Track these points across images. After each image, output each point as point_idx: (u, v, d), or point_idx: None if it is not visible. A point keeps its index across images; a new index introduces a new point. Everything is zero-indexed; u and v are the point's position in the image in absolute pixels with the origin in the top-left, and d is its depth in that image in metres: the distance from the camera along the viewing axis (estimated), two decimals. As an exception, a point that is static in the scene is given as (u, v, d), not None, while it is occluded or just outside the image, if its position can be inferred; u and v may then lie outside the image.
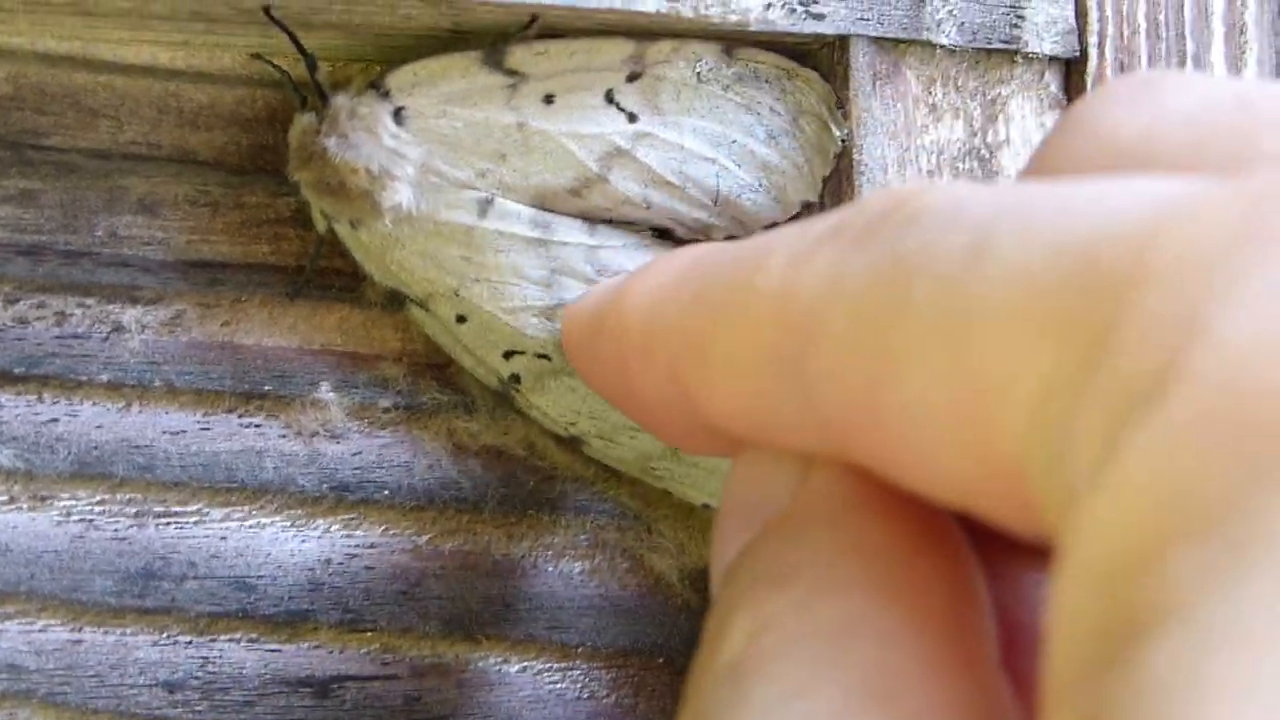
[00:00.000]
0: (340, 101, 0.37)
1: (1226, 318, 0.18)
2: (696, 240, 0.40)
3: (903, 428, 0.23)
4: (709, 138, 0.38)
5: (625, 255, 0.39)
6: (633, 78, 0.38)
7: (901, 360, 0.22)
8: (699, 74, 0.38)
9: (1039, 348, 0.20)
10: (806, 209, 0.39)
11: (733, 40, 0.38)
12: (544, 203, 0.38)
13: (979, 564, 0.24)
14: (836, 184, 0.38)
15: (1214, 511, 0.17)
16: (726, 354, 0.27)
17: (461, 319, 0.38)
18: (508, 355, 0.39)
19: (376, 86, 0.37)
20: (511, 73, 0.37)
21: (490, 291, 0.38)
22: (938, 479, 0.23)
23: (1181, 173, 0.23)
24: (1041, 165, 0.27)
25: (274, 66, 0.38)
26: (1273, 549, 0.16)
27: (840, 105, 0.38)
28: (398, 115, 0.37)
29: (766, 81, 0.38)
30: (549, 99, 0.37)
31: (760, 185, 0.39)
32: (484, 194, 0.38)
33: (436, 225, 0.38)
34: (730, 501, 0.28)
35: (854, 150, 0.38)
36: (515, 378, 0.39)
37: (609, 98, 0.38)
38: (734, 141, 0.38)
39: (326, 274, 0.39)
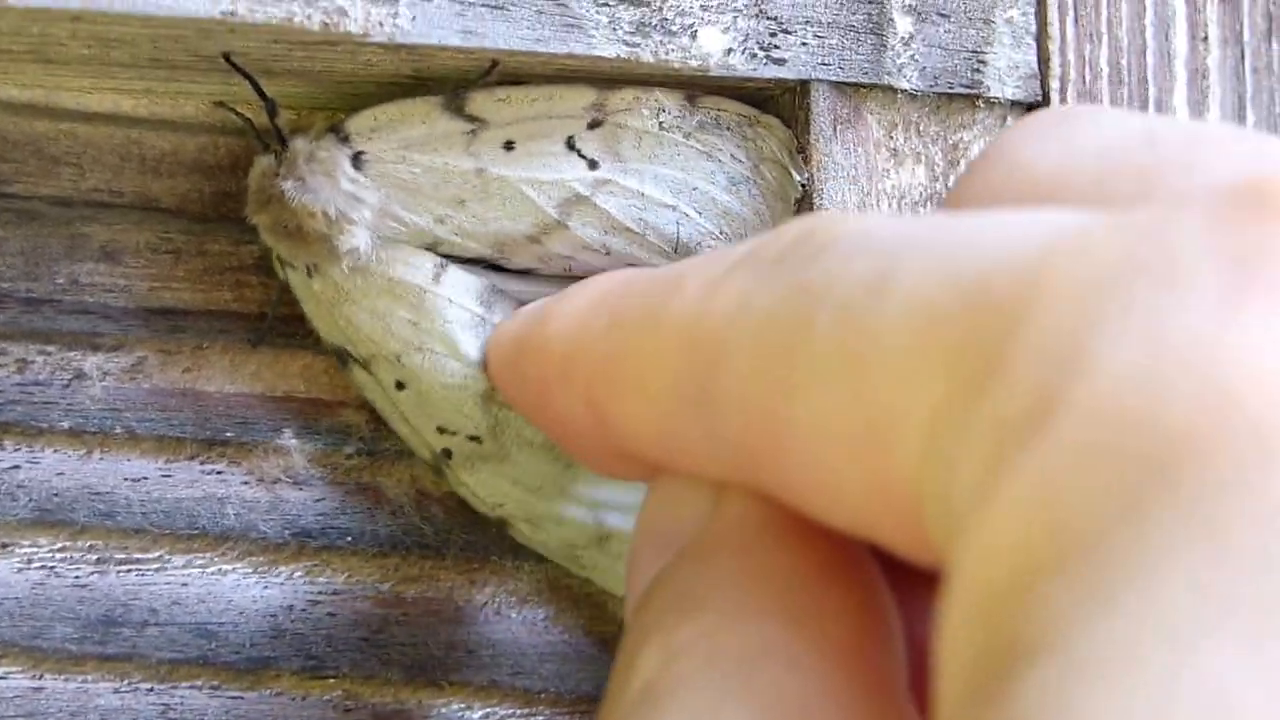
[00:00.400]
0: (299, 145, 0.37)
1: (1105, 350, 0.18)
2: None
3: (803, 456, 0.23)
4: (670, 185, 0.38)
5: None
6: (594, 125, 0.38)
7: (802, 388, 0.23)
8: (661, 121, 0.38)
9: (932, 378, 0.21)
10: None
11: (694, 86, 0.38)
12: (502, 250, 0.38)
13: (890, 591, 0.25)
14: (798, 229, 0.38)
15: (1085, 543, 0.17)
16: (638, 379, 0.27)
17: (401, 385, 0.38)
18: (441, 430, 0.39)
19: (336, 131, 0.37)
20: (472, 119, 0.37)
21: (432, 363, 0.38)
22: (839, 507, 0.23)
23: (1087, 207, 0.23)
24: (962, 194, 0.27)
25: (236, 113, 0.38)
26: (1138, 582, 0.17)
27: (801, 150, 0.38)
28: (356, 160, 0.37)
29: (728, 129, 0.38)
30: (509, 145, 0.38)
31: (721, 233, 0.39)
32: (440, 260, 0.38)
33: (390, 282, 0.38)
34: (644, 529, 0.28)
35: (815, 195, 0.38)
36: (447, 453, 0.39)
37: (570, 144, 0.38)
38: (695, 189, 0.38)
39: (289, 321, 0.39)
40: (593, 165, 0.38)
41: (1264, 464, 0.17)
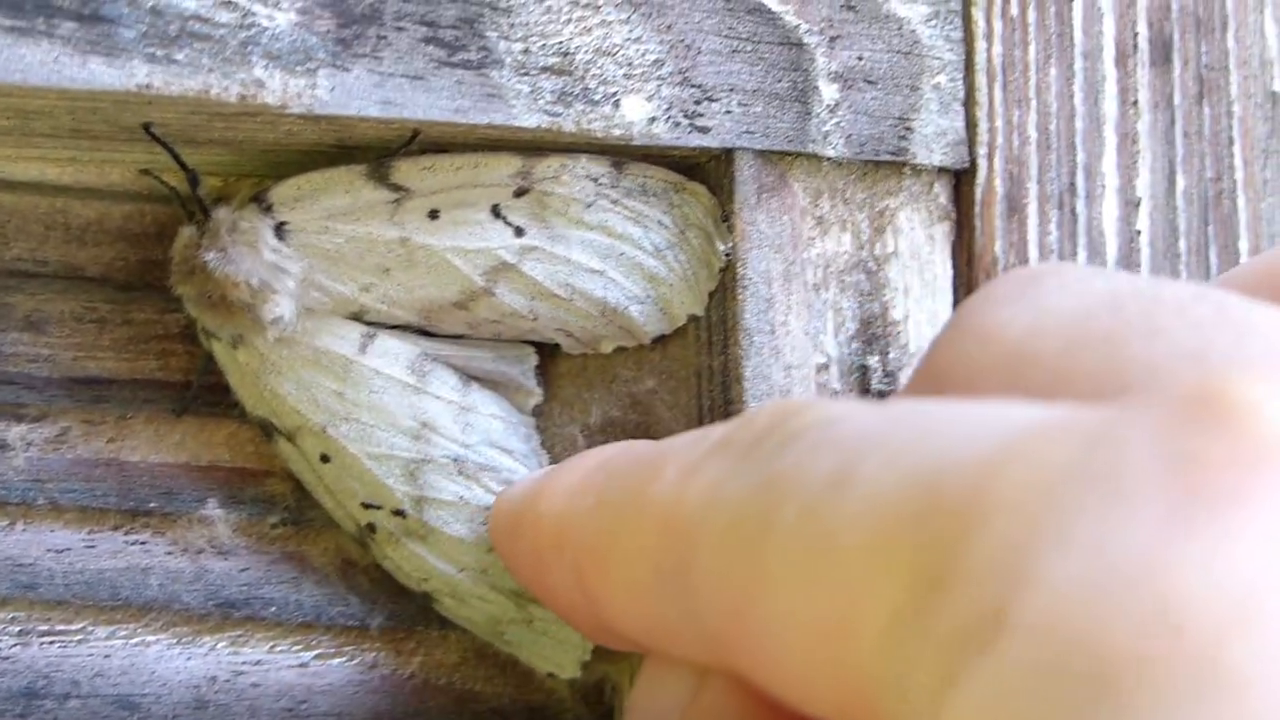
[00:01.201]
0: (221, 215, 0.37)
1: (1050, 565, 0.19)
2: (585, 353, 0.40)
3: (774, 647, 0.24)
4: (597, 251, 0.38)
5: (495, 423, 0.39)
6: (521, 193, 0.38)
7: (769, 582, 0.23)
8: (588, 189, 0.38)
9: (890, 582, 0.21)
10: (693, 321, 0.39)
11: (618, 154, 0.38)
12: (429, 317, 0.38)
13: None
14: (722, 297, 0.38)
15: None
16: (622, 562, 0.28)
17: (326, 458, 0.38)
18: (366, 506, 0.39)
19: (259, 200, 0.37)
20: (396, 188, 0.37)
21: (358, 433, 0.38)
22: (809, 698, 0.24)
23: (1059, 378, 0.24)
24: (932, 366, 0.28)
25: (161, 182, 0.38)
26: None
27: (726, 218, 0.38)
28: (279, 230, 0.37)
29: (654, 195, 0.38)
30: (434, 214, 0.38)
31: (648, 297, 0.39)
32: (368, 329, 0.38)
33: (315, 353, 0.38)
34: (633, 708, 0.29)
35: (739, 264, 0.38)
36: (371, 528, 0.39)
37: (496, 212, 0.38)
38: (622, 254, 0.38)
39: (215, 390, 0.39)
40: (519, 232, 0.38)
41: (1204, 693, 0.17)
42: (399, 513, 0.39)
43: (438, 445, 0.38)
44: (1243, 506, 0.19)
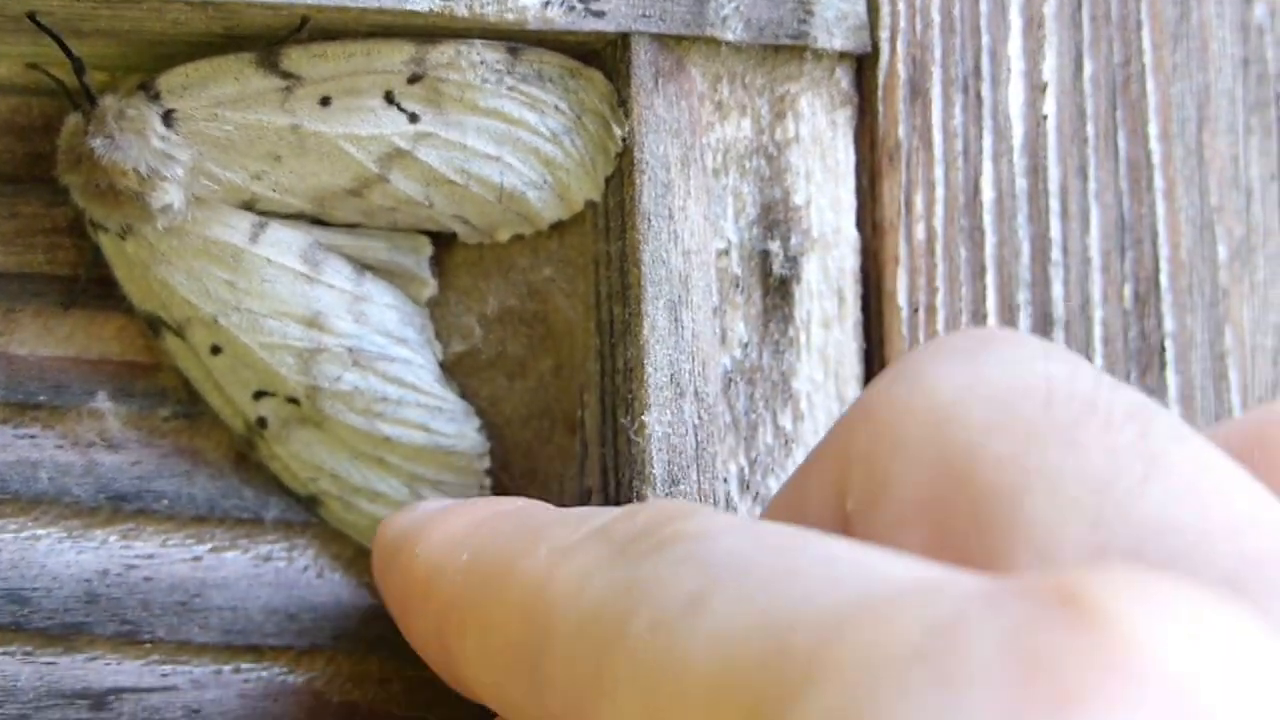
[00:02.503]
0: (108, 103, 0.36)
1: None
2: (482, 242, 0.39)
3: None
4: (493, 136, 0.38)
5: (390, 313, 0.38)
6: (414, 79, 0.37)
7: (613, 686, 0.24)
8: (483, 75, 0.37)
9: None
10: (590, 207, 0.39)
11: (512, 39, 0.37)
12: (323, 204, 0.38)
13: None
14: (619, 183, 0.38)
15: None
16: (481, 629, 0.28)
17: (217, 350, 0.38)
18: (258, 395, 0.38)
19: (146, 88, 0.37)
20: (286, 75, 0.37)
21: (250, 323, 0.38)
22: None
23: (971, 457, 0.25)
24: (867, 403, 0.27)
25: (49, 75, 0.38)
26: None
27: (623, 104, 0.38)
28: (167, 117, 0.37)
29: (550, 81, 0.38)
30: (325, 101, 0.37)
31: (545, 182, 0.38)
32: (259, 219, 0.37)
33: (206, 243, 0.37)
34: None
35: (635, 149, 0.37)
36: (262, 421, 0.38)
37: (389, 99, 0.37)
38: (518, 139, 0.38)
39: (103, 283, 0.38)
40: (413, 119, 0.37)
41: None
42: (293, 400, 0.38)
43: (331, 334, 0.38)
44: (1085, 713, 0.18)
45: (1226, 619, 0.20)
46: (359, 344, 0.38)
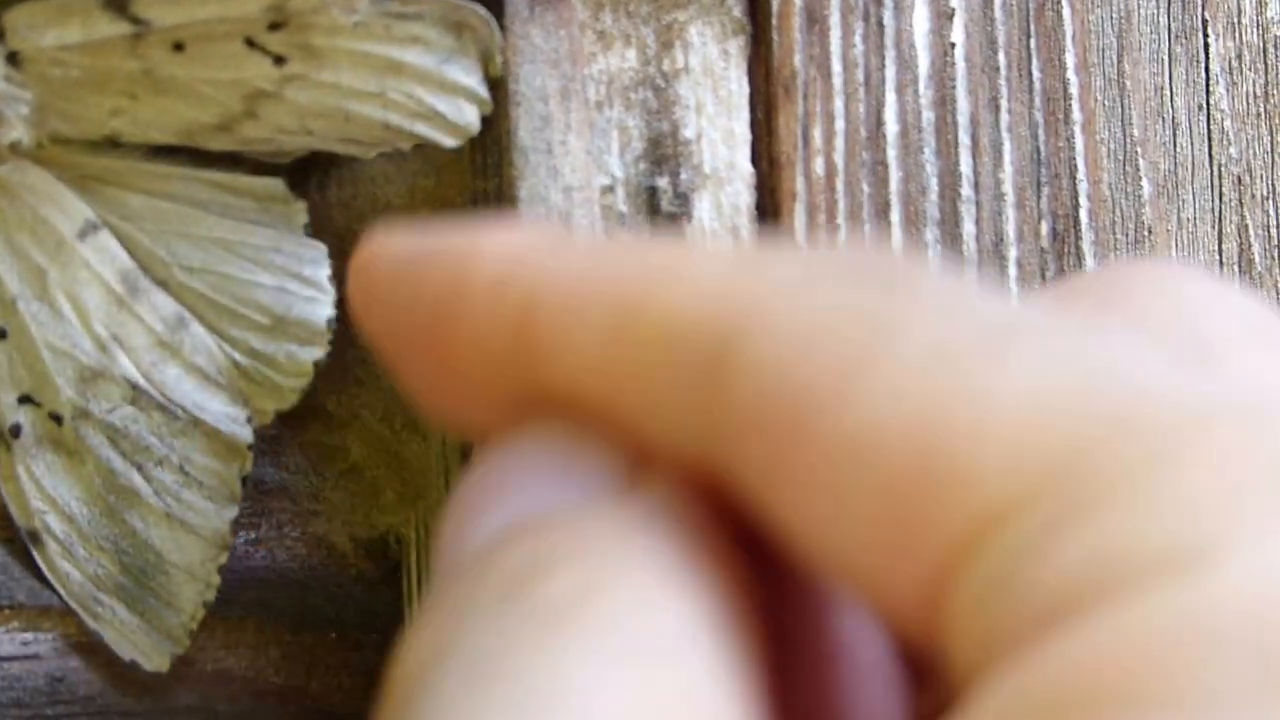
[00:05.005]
0: (-51, 42, 0.35)
1: None
2: (355, 187, 0.38)
3: (833, 474, 0.19)
4: (370, 71, 0.36)
5: (185, 383, 0.36)
6: (275, 26, 0.35)
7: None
8: (354, 20, 0.35)
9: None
10: (466, 143, 0.37)
11: (381, -30, 0.36)
12: (192, 138, 0.36)
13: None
14: (495, 116, 0.36)
15: None
16: (657, 318, 0.22)
17: (2, 334, 0.36)
18: (22, 400, 0.36)
19: (-9, 28, 0.35)
20: (136, 20, 0.35)
21: (49, 317, 0.36)
22: (832, 544, 0.20)
23: None
24: None
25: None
26: None
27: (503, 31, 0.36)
28: (12, 58, 0.35)
29: (425, 16, 0.36)
30: (179, 47, 0.35)
31: (434, 112, 0.36)
32: (96, 220, 0.36)
33: (36, 219, 0.36)
34: (500, 464, 0.24)
35: (510, 80, 0.36)
36: (16, 430, 0.36)
37: (251, 44, 0.35)
38: (400, 73, 0.36)
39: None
40: (279, 61, 0.36)
41: None
42: (55, 418, 0.36)
43: (121, 365, 0.36)
44: None
45: None
46: (147, 387, 0.36)
